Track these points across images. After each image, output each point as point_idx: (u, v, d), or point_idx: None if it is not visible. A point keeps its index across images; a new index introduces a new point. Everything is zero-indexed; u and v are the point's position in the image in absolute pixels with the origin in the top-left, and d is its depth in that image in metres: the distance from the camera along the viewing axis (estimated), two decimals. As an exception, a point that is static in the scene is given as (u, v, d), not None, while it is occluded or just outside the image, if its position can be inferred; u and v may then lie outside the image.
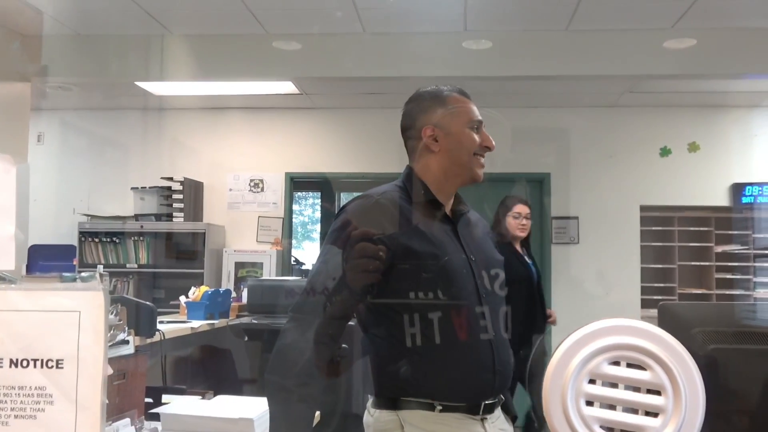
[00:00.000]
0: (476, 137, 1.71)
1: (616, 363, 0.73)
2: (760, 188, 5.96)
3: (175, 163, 6.35)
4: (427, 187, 1.70)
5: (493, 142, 1.73)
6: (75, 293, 0.82)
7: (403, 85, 5.70)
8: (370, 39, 4.75)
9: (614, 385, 0.73)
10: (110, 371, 0.86)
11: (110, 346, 2.33)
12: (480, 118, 1.73)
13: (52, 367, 0.81)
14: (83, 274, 2.81)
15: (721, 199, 6.07)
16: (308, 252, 9.27)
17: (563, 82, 5.37)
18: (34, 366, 0.81)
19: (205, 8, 4.36)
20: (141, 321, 2.86)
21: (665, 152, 6.13)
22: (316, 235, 9.01)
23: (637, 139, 6.14)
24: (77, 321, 0.82)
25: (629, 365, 0.73)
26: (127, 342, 2.44)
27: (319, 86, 5.73)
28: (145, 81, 5.30)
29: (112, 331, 2.37)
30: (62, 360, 0.81)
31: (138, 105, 6.23)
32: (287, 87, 5.65)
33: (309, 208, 9.68)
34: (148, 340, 2.88)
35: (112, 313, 2.37)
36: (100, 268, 2.68)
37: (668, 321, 1.23)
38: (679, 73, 4.76)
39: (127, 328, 2.46)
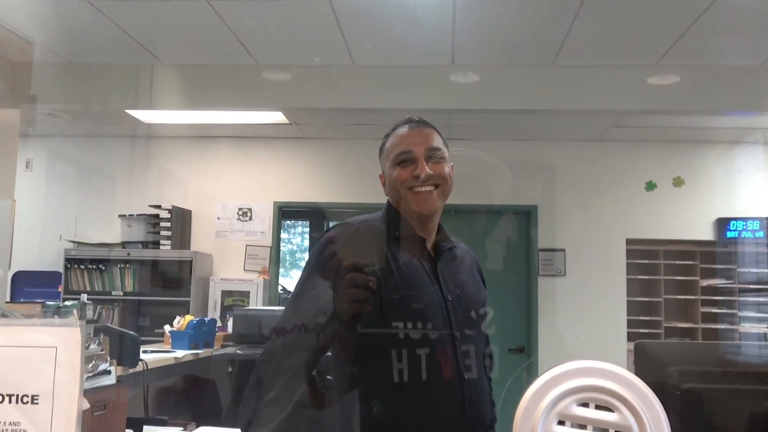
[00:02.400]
0: (400, 171, 1.65)
1: (585, 404, 0.74)
2: (744, 223, 6.03)
3: (164, 191, 6.36)
4: (407, 220, 1.67)
5: (427, 170, 1.62)
6: (52, 329, 0.82)
7: (391, 116, 5.78)
8: (358, 71, 4.80)
9: (583, 427, 0.74)
10: (86, 406, 0.87)
11: (92, 376, 2.32)
12: (408, 148, 1.65)
13: (27, 402, 0.81)
14: (67, 302, 2.80)
15: (706, 233, 6.13)
16: (296, 281, 9.24)
17: (550, 116, 5.44)
18: (9, 401, 0.81)
19: (195, 38, 4.41)
20: (124, 351, 2.84)
21: (650, 186, 6.20)
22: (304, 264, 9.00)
23: (623, 173, 6.21)
24: (53, 357, 0.82)
25: (597, 407, 0.74)
26: (109, 372, 2.43)
27: (308, 116, 5.77)
28: (134, 109, 5.33)
29: (94, 361, 2.36)
30: (37, 396, 0.82)
31: (127, 133, 6.25)
32: (277, 117, 5.69)
33: (297, 237, 9.68)
34: (131, 370, 2.86)
35: (94, 343, 2.37)
36: (84, 296, 2.66)
37: (644, 359, 1.25)
38: (663, 108, 4.84)
39: (109, 358, 2.45)
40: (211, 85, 4.89)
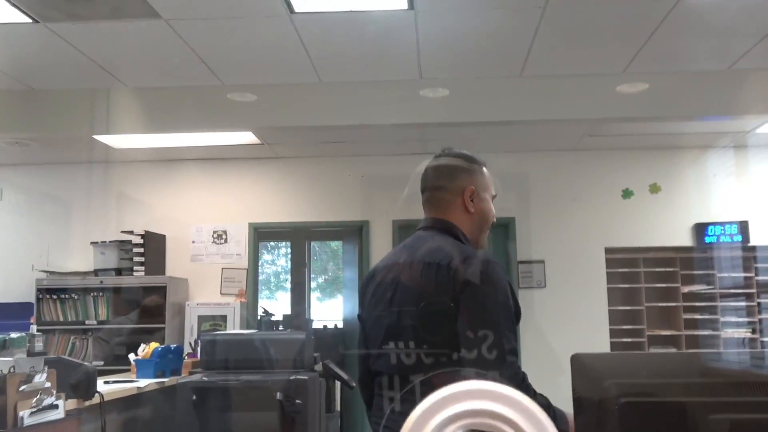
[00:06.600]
0: (493, 209, 1.87)
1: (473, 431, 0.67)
2: (722, 227, 5.99)
3: (137, 217, 6.26)
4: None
5: None
6: None
7: (362, 133, 5.74)
8: (325, 88, 4.75)
9: (473, 455, 0.67)
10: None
11: (36, 411, 2.22)
12: (497, 194, 1.88)
13: None
14: (13, 334, 2.70)
15: (685, 239, 6.09)
16: (281, 302, 9.12)
17: (523, 127, 5.40)
18: None
19: (157, 60, 4.35)
20: (79, 383, 2.74)
21: (627, 194, 6.16)
22: (289, 285, 8.89)
23: (599, 182, 6.18)
24: None
25: (488, 433, 0.68)
26: (56, 406, 2.33)
27: (279, 136, 5.71)
28: (103, 134, 5.24)
29: (39, 396, 2.27)
30: None
31: (98, 159, 6.16)
32: (247, 137, 5.63)
33: (282, 258, 9.57)
34: (87, 403, 2.76)
35: (39, 376, 2.27)
36: (33, 328, 2.57)
37: (581, 373, 1.18)
38: (633, 116, 4.81)
39: (55, 392, 2.35)
40: (177, 108, 4.83)
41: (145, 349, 3.83)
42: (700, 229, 6.04)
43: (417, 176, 1.98)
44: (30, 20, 3.74)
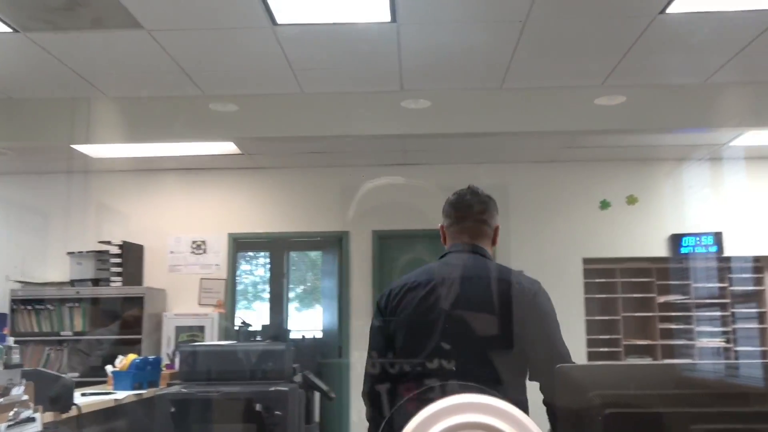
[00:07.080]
0: None
1: (467, 444, 0.68)
2: (698, 238, 6.08)
3: (115, 227, 6.20)
4: None
5: None
6: None
7: (344, 144, 5.75)
8: (307, 99, 4.76)
9: (467, 468, 0.68)
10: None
11: (13, 424, 2.19)
12: None
13: None
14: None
15: (661, 250, 6.16)
16: (259, 313, 9.07)
17: (503, 139, 5.44)
18: None
19: (138, 70, 4.33)
20: (57, 395, 2.70)
21: (605, 205, 6.23)
22: (267, 296, 8.84)
23: (577, 193, 6.24)
24: None
25: (482, 446, 0.68)
26: (34, 419, 2.30)
27: (260, 146, 5.70)
28: (82, 144, 5.19)
29: (15, 409, 2.23)
30: None
31: (75, 168, 6.10)
32: (228, 147, 5.60)
33: (260, 268, 9.52)
34: (64, 415, 2.72)
35: (16, 389, 2.24)
36: (10, 340, 2.53)
37: (565, 385, 1.19)
38: (611, 128, 4.88)
39: (33, 405, 2.32)
40: (158, 117, 4.80)
41: (123, 361, 3.79)
42: (676, 239, 6.12)
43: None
44: (10, 30, 3.70)
